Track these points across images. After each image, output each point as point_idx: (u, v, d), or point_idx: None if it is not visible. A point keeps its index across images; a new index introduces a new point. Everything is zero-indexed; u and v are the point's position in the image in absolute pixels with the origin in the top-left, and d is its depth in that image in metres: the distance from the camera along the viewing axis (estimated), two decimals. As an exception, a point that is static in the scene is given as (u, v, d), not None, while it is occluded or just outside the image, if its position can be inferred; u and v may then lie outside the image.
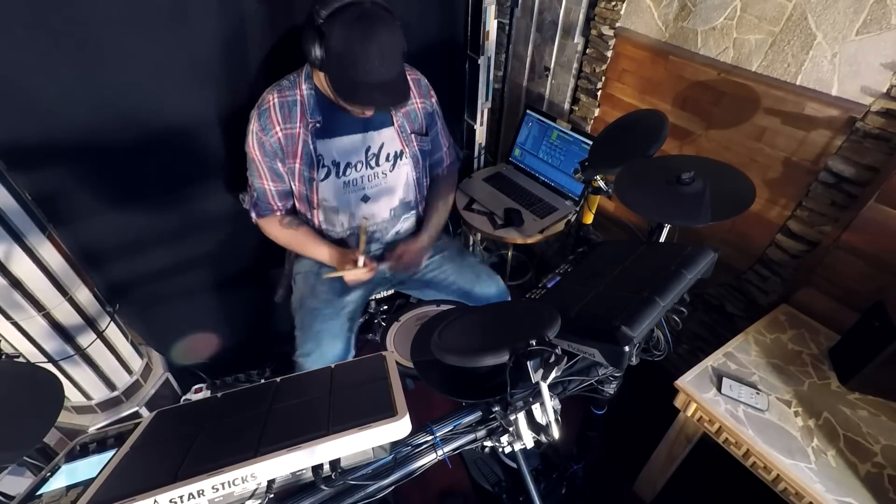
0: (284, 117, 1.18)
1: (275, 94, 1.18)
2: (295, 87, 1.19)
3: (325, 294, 1.29)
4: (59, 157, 1.16)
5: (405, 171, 1.35)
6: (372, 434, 0.57)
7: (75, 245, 1.29)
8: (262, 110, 1.18)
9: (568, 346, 0.77)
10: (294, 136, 1.20)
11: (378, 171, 1.30)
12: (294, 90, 1.19)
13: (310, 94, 1.19)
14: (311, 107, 1.19)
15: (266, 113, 1.17)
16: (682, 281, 0.80)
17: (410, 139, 1.33)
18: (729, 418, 1.11)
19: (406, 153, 1.33)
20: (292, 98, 1.19)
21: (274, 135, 1.19)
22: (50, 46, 1.03)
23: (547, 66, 1.87)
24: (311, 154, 1.21)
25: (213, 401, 0.70)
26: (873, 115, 1.09)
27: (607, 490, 1.59)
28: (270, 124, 1.18)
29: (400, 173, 1.34)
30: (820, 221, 1.27)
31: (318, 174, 1.24)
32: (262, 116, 1.18)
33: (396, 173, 1.33)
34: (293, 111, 1.19)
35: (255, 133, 1.19)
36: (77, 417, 1.46)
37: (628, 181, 1.02)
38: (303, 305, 1.29)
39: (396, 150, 1.31)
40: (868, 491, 0.98)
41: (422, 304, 1.37)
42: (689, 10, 1.38)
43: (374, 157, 1.29)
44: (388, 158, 1.31)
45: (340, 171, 1.26)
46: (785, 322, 1.35)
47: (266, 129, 1.18)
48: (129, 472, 0.59)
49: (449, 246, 1.46)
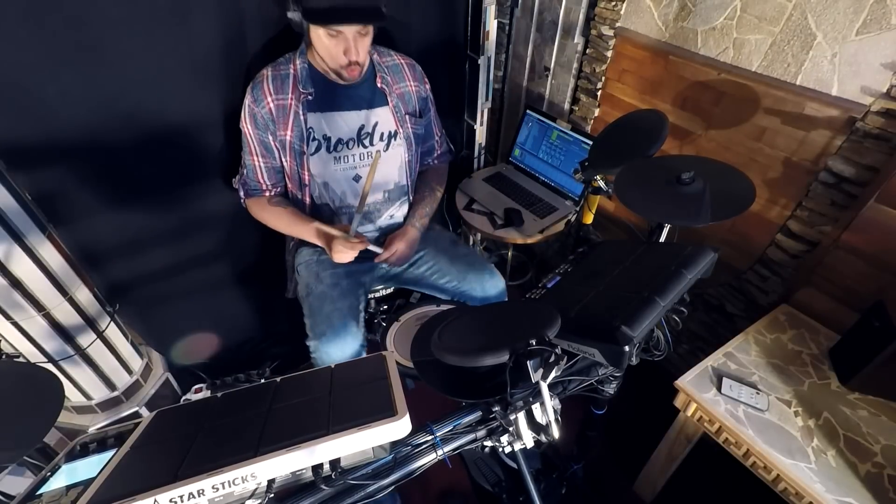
0: (276, 88, 1.21)
1: (269, 68, 1.22)
2: (289, 62, 1.23)
3: (329, 278, 1.30)
4: (59, 157, 1.16)
5: (399, 153, 1.35)
6: (372, 434, 0.57)
7: (75, 245, 1.29)
8: (255, 83, 1.22)
9: (568, 346, 0.77)
10: (286, 108, 1.22)
11: (372, 150, 1.31)
12: (288, 65, 1.23)
13: (303, 68, 1.23)
14: (304, 79, 1.22)
15: (259, 85, 1.21)
16: (682, 281, 0.80)
17: (405, 119, 1.34)
18: (729, 418, 1.11)
19: (400, 133, 1.34)
20: (285, 72, 1.22)
21: (265, 105, 1.21)
22: (50, 46, 1.03)
23: (547, 66, 1.87)
24: (301, 126, 1.23)
25: (213, 401, 0.70)
26: (873, 115, 1.09)
27: (607, 490, 1.59)
28: (262, 95, 1.21)
29: (394, 154, 1.35)
30: (820, 221, 1.27)
31: (309, 148, 1.25)
32: (255, 89, 1.21)
33: (390, 154, 1.34)
34: (286, 83, 1.22)
35: (248, 106, 1.22)
36: (77, 417, 1.46)
37: (628, 181, 1.02)
38: (310, 293, 1.29)
39: (391, 129, 1.32)
40: (868, 491, 0.98)
41: (422, 304, 1.37)
42: (689, 10, 1.38)
43: (368, 136, 1.30)
44: (383, 138, 1.32)
45: (331, 147, 1.27)
46: (785, 322, 1.35)
47: (258, 100, 1.21)
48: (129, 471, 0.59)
49: (441, 237, 1.46)
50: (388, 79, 1.31)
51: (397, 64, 1.34)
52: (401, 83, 1.34)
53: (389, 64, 1.33)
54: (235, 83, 1.29)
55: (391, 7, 1.10)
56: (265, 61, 1.27)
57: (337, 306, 1.24)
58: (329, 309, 1.23)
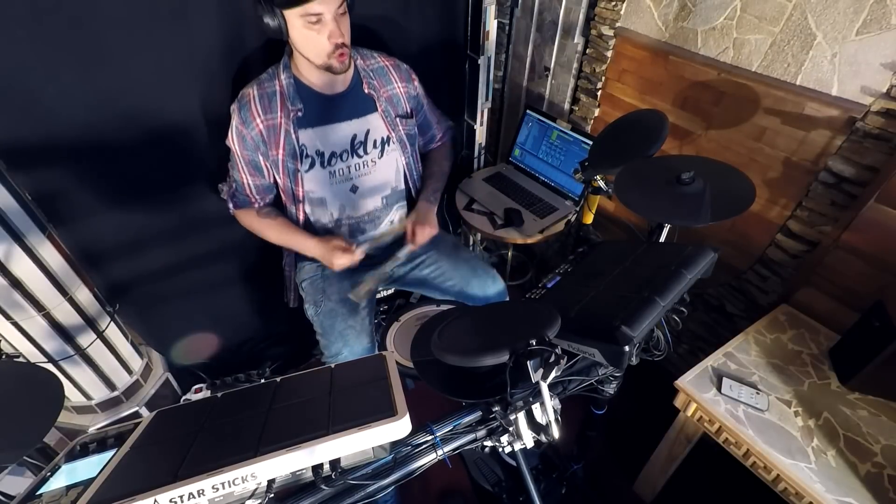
0: (265, 108, 1.19)
1: (254, 87, 1.19)
2: (273, 78, 1.20)
3: (336, 294, 1.29)
4: (59, 157, 1.16)
5: (395, 158, 1.35)
6: (372, 434, 0.57)
7: (75, 245, 1.29)
8: (242, 104, 1.19)
9: (568, 346, 0.77)
10: (276, 127, 1.20)
11: (367, 159, 1.30)
12: (273, 81, 1.20)
13: (289, 84, 1.20)
14: (291, 95, 1.20)
15: (246, 106, 1.18)
16: (682, 281, 0.80)
17: (396, 123, 1.33)
18: (729, 418, 1.11)
19: (393, 138, 1.32)
20: (271, 89, 1.19)
21: (255, 127, 1.19)
22: (50, 46, 1.03)
23: (547, 66, 1.87)
24: (293, 144, 1.21)
25: (213, 401, 0.70)
26: (873, 115, 1.09)
27: (607, 490, 1.59)
28: (251, 117, 1.18)
29: (389, 160, 1.34)
30: (820, 221, 1.27)
31: (303, 165, 1.24)
32: (243, 110, 1.18)
33: (386, 160, 1.33)
34: (273, 101, 1.19)
35: (236, 127, 1.20)
36: (77, 417, 1.46)
37: (628, 181, 1.02)
38: (319, 311, 1.29)
39: (383, 136, 1.31)
40: (868, 491, 0.98)
41: (422, 304, 1.37)
42: (689, 10, 1.38)
43: (361, 146, 1.29)
44: (376, 145, 1.30)
45: (325, 161, 1.26)
46: (785, 322, 1.35)
47: (247, 122, 1.19)
48: (129, 471, 0.59)
49: (444, 240, 1.46)
50: (374, 83, 1.29)
51: (382, 66, 1.32)
52: (387, 86, 1.31)
53: (374, 67, 1.30)
54: (235, 83, 1.29)
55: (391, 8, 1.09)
56: (265, 61, 1.27)
57: (349, 323, 1.23)
58: (342, 327, 1.23)
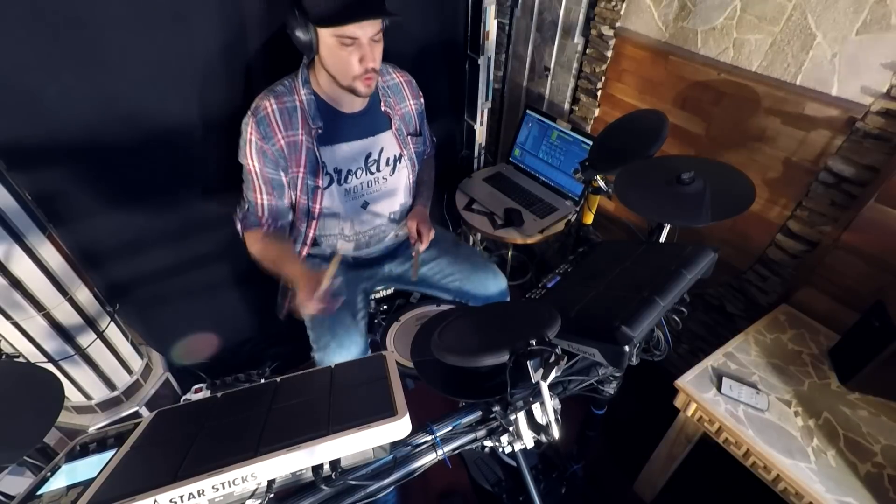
0: (286, 124, 1.14)
1: (271, 99, 1.13)
2: (292, 92, 1.16)
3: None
4: (59, 157, 1.16)
5: (405, 175, 1.36)
6: (372, 434, 0.57)
7: (75, 245, 1.29)
8: (259, 118, 1.12)
9: (568, 346, 0.77)
10: (297, 144, 1.16)
11: (378, 176, 1.30)
12: (292, 95, 1.15)
13: (309, 100, 1.16)
14: (313, 113, 1.16)
15: (265, 120, 1.13)
16: (682, 281, 0.80)
17: (407, 142, 1.34)
18: (729, 418, 1.11)
19: (404, 156, 1.33)
20: (291, 104, 1.15)
21: (276, 143, 1.14)
22: (50, 46, 1.03)
23: (547, 66, 1.87)
24: (315, 162, 1.19)
25: (213, 401, 0.70)
26: (873, 115, 1.09)
27: (607, 490, 1.59)
28: (272, 132, 1.13)
29: (400, 177, 1.35)
30: (820, 221, 1.27)
31: (322, 182, 1.23)
32: (262, 124, 1.12)
33: (396, 177, 1.34)
34: (294, 117, 1.15)
35: (255, 142, 1.13)
36: (77, 417, 1.46)
37: (628, 181, 1.02)
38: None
39: (395, 153, 1.32)
40: (868, 491, 0.98)
41: (422, 304, 1.37)
42: (689, 10, 1.38)
43: (375, 163, 1.29)
44: (388, 163, 1.31)
45: (342, 179, 1.25)
46: (785, 322, 1.35)
47: (267, 137, 1.13)
48: (129, 471, 0.59)
49: (444, 238, 1.46)
50: (391, 101, 1.29)
51: (397, 83, 1.32)
52: (401, 104, 1.32)
53: (390, 84, 1.30)
54: (236, 84, 1.29)
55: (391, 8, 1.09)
56: (266, 62, 1.27)
57: (338, 315, 1.22)
58: (331, 320, 1.22)
